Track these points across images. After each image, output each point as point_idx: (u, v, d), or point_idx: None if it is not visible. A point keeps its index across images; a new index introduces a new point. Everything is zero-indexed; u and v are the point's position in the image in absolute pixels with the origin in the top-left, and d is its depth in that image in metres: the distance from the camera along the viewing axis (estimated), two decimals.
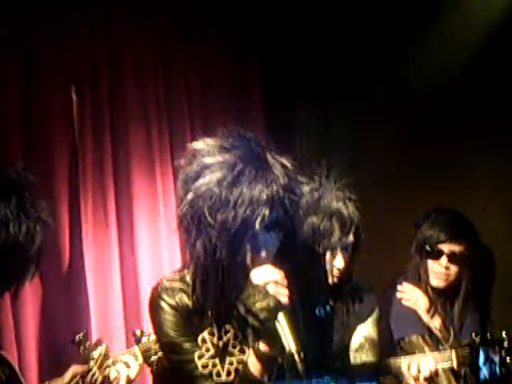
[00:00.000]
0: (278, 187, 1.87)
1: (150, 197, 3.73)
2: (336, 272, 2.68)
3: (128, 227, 3.66)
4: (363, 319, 2.81)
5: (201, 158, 1.92)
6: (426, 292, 3.19)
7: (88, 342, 2.73)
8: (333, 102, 4.51)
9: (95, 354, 2.66)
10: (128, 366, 2.72)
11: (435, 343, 3.09)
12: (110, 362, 2.67)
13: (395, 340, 3.14)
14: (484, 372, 2.83)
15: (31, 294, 3.29)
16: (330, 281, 2.66)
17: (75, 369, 2.46)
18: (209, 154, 1.92)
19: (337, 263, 2.65)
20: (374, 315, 2.84)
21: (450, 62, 4.07)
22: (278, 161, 1.93)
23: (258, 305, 1.88)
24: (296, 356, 1.84)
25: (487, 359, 2.83)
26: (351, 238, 2.69)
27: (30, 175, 2.09)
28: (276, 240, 1.94)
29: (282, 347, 1.87)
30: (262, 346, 1.94)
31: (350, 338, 2.79)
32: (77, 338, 2.69)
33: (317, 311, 2.09)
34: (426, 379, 2.80)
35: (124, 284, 3.62)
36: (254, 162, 1.88)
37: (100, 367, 2.60)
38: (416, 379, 2.80)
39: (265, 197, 1.85)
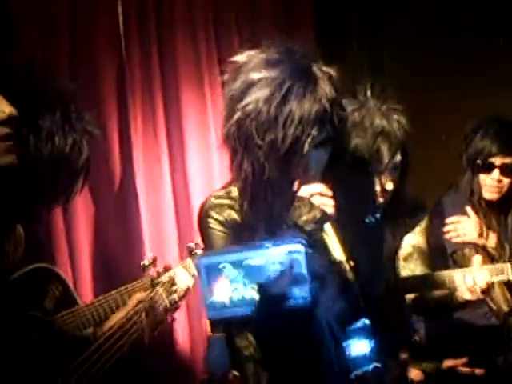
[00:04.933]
0: (326, 103, 1.81)
1: (200, 110, 3.68)
2: (386, 193, 2.61)
3: (178, 141, 3.63)
4: (411, 229, 2.78)
5: (246, 74, 1.84)
6: (475, 209, 3.14)
7: (156, 268, 2.70)
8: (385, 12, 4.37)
9: (162, 279, 2.65)
10: (182, 278, 2.71)
11: (489, 258, 3.06)
12: (176, 288, 2.65)
13: (448, 253, 3.12)
14: None
15: (83, 209, 3.32)
16: (382, 201, 2.61)
17: (139, 296, 2.46)
18: (254, 70, 1.84)
19: (386, 185, 2.59)
20: (423, 224, 2.80)
21: None
22: (326, 72, 1.86)
23: (305, 217, 1.86)
24: (346, 265, 1.81)
25: None
26: (399, 157, 2.60)
27: (76, 87, 2.06)
28: (325, 157, 1.90)
29: (331, 258, 1.84)
30: None
31: (399, 247, 2.77)
32: (145, 262, 2.68)
33: (367, 220, 2.05)
34: (481, 291, 2.77)
35: (176, 197, 3.62)
36: (301, 77, 1.81)
37: (166, 293, 2.59)
38: (471, 291, 2.77)
39: (314, 115, 1.79)
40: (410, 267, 2.78)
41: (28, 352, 2.09)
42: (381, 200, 2.59)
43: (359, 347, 1.81)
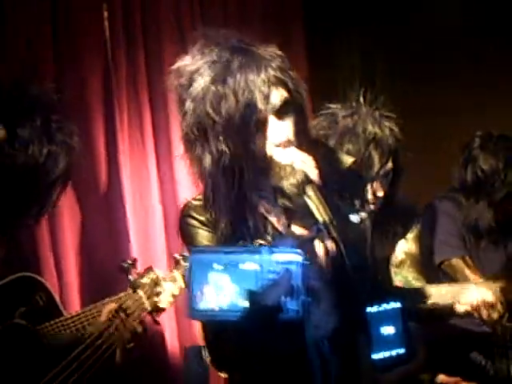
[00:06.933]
0: (273, 69, 1.82)
1: None
2: (377, 200, 2.58)
3: (165, 147, 3.60)
4: (403, 235, 2.76)
5: (187, 69, 1.85)
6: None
7: (136, 270, 2.65)
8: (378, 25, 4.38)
9: (144, 280, 2.60)
10: (169, 291, 2.67)
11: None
12: (159, 289, 2.60)
13: (436, 263, 3.09)
14: None
15: (69, 217, 3.29)
16: (373, 208, 2.58)
17: (109, 305, 2.41)
18: (193, 62, 1.85)
19: (377, 192, 2.56)
20: (415, 231, 2.78)
21: None
22: (268, 51, 1.86)
23: (285, 181, 1.81)
24: (330, 225, 1.74)
25: None
26: (390, 164, 2.55)
27: (60, 97, 2.03)
28: (289, 128, 1.85)
29: (315, 221, 1.77)
30: (297, 229, 1.85)
31: (390, 256, 2.74)
32: (124, 265, 2.63)
33: (352, 217, 1.97)
34: (482, 308, 2.74)
35: (164, 204, 3.59)
36: (241, 53, 1.83)
37: (149, 295, 2.55)
38: (471, 308, 2.74)
39: (262, 77, 1.80)
40: (402, 274, 2.76)
41: (10, 360, 2.06)
42: (372, 206, 2.57)
43: None
